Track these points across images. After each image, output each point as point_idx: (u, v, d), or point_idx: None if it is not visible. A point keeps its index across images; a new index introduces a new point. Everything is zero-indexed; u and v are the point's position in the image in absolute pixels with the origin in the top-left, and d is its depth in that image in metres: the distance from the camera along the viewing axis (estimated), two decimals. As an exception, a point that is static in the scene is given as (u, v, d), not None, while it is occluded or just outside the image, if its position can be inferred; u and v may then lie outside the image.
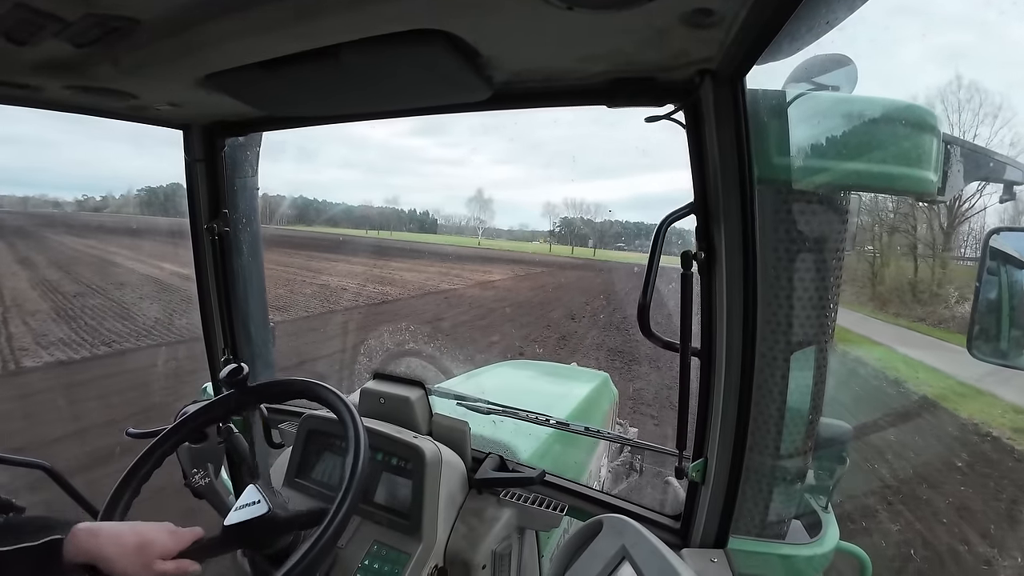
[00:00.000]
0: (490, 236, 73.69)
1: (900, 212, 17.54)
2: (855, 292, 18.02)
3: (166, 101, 1.29)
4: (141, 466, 1.12)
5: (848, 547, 1.29)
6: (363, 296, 15.64)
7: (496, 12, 0.78)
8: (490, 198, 76.24)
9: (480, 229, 71.69)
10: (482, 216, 73.43)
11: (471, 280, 22.02)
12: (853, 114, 0.98)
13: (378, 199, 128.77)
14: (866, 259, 18.54)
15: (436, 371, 2.53)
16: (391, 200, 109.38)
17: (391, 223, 70.70)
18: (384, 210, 74.31)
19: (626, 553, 0.93)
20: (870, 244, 18.69)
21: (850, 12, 0.78)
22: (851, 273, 18.59)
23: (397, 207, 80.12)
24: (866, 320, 14.66)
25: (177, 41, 0.89)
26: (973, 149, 1.17)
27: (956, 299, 14.38)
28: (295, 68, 0.95)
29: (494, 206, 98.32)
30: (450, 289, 18.65)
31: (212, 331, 1.74)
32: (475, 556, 1.21)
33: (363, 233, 59.75)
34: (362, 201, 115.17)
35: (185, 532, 0.96)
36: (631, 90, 1.01)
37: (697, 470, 1.12)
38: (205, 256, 1.68)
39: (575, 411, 2.35)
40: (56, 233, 27.54)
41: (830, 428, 1.19)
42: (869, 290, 18.10)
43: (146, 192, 54.01)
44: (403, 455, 1.27)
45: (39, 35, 0.84)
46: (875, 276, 18.15)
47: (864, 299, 17.69)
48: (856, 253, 18.86)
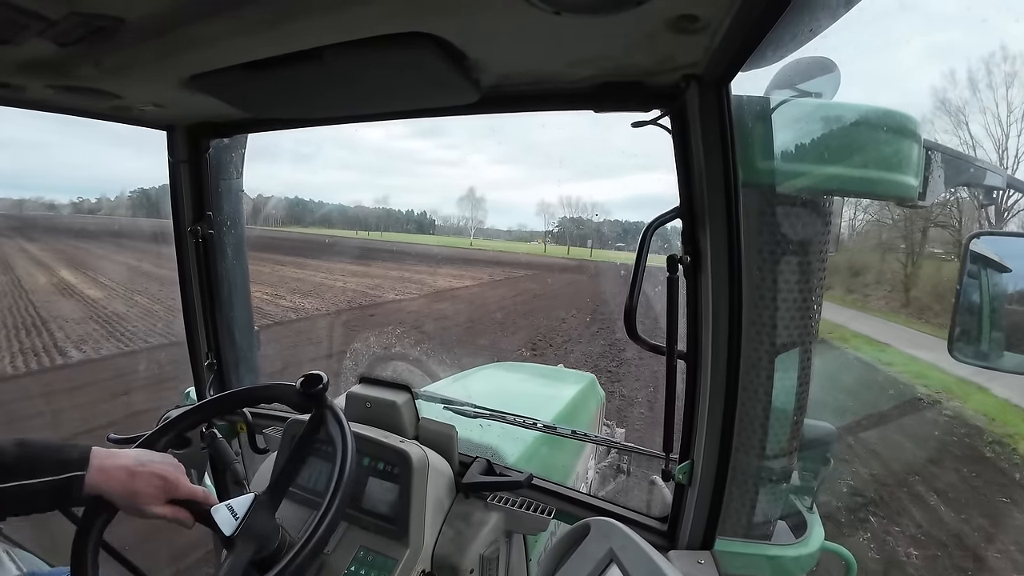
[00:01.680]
0: (488, 237, 72.58)
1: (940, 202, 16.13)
2: (884, 297, 17.30)
3: (150, 102, 1.28)
4: None
5: (833, 547, 1.30)
6: (262, 313, 11.89)
7: (483, 15, 0.78)
8: (482, 197, 74.49)
9: (472, 229, 70.23)
10: (474, 215, 72.12)
11: (429, 287, 19.02)
12: (835, 119, 1.00)
13: (368, 199, 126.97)
14: (897, 260, 17.75)
15: (423, 374, 2.52)
16: (381, 200, 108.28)
17: (383, 224, 69.14)
18: (372, 210, 72.55)
19: (614, 556, 0.93)
20: (902, 242, 17.95)
21: (833, 20, 0.80)
22: (879, 275, 18.10)
23: (387, 207, 78.41)
24: (914, 336, 12.57)
25: (161, 41, 0.89)
26: (954, 155, 1.19)
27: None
28: (280, 70, 0.95)
29: (488, 205, 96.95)
30: (390, 301, 15.35)
31: (195, 335, 1.72)
32: (463, 561, 1.21)
33: (353, 234, 58.37)
34: (353, 202, 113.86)
35: (184, 486, 0.97)
36: (618, 94, 1.02)
37: (684, 472, 1.12)
38: (189, 259, 1.66)
39: (562, 413, 2.35)
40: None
41: (814, 429, 1.20)
42: (901, 295, 17.06)
43: (138, 193, 53.40)
44: (390, 460, 1.26)
45: (23, 34, 0.83)
46: (908, 279, 17.15)
47: (896, 305, 16.77)
48: (881, 251, 18.48)
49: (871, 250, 19.44)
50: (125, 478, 0.92)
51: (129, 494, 0.92)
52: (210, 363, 1.73)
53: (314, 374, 1.10)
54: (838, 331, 12.70)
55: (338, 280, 19.01)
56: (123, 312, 11.56)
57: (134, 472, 0.93)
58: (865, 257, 19.31)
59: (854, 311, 15.84)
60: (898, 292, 17.43)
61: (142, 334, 9.79)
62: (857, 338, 12.48)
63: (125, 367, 7.81)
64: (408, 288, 18.43)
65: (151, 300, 12.67)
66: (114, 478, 0.91)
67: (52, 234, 28.51)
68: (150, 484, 0.94)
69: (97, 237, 27.47)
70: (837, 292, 17.76)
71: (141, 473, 0.94)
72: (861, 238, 20.31)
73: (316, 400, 1.10)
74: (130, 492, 0.92)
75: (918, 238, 17.77)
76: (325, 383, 1.09)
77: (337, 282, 18.59)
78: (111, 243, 25.83)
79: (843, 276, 17.98)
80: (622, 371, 8.65)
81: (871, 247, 19.56)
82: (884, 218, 18.64)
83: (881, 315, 15.94)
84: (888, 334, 12.78)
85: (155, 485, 0.94)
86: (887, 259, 18.47)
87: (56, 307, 11.73)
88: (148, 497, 0.93)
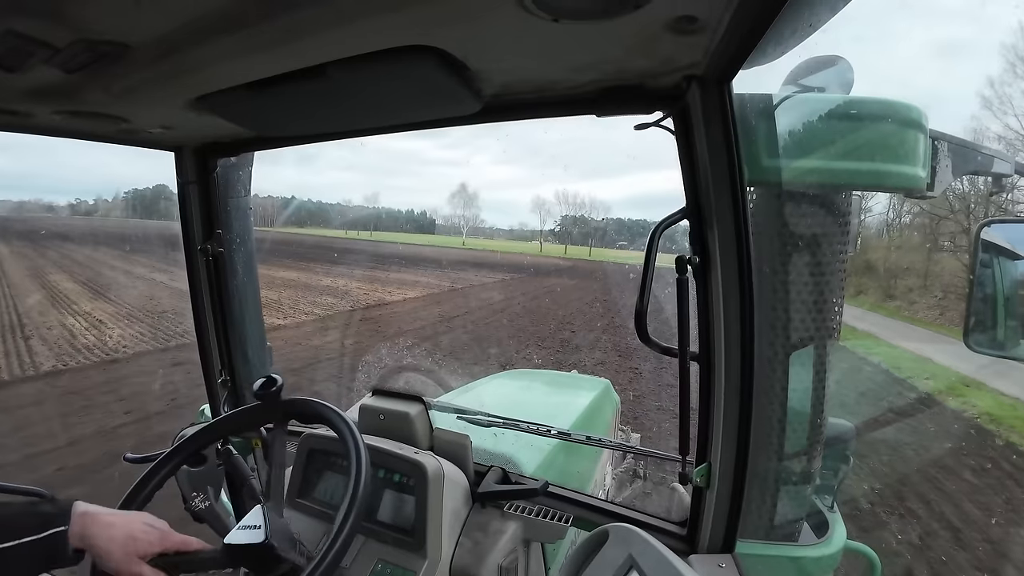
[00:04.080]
0: (489, 236, 71.06)
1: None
2: (936, 306, 14.81)
3: (157, 124, 1.29)
4: (139, 491, 1.11)
5: (857, 546, 1.28)
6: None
7: (483, 26, 0.78)
8: (475, 193, 70.40)
9: (465, 228, 67.53)
10: (466, 214, 68.63)
11: (347, 304, 14.92)
12: (840, 113, 1.00)
13: (358, 198, 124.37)
14: (957, 258, 15.58)
15: (435, 385, 2.52)
16: (370, 198, 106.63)
17: (372, 223, 66.90)
18: (360, 209, 69.63)
19: (633, 562, 0.92)
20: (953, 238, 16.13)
21: (832, 14, 0.79)
22: (924, 277, 15.74)
23: (377, 206, 75.35)
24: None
25: (167, 64, 0.90)
26: (961, 144, 1.18)
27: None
28: (284, 87, 0.96)
29: (490, 205, 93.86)
30: (277, 326, 11.51)
31: (208, 352, 1.73)
32: (481, 571, 1.20)
33: (342, 234, 56.71)
34: (342, 200, 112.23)
35: (174, 537, 0.95)
36: (620, 98, 1.02)
37: (701, 475, 1.11)
38: (200, 277, 1.67)
39: (578, 420, 2.34)
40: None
41: (833, 427, 1.19)
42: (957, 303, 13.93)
43: (132, 194, 53.96)
44: (405, 471, 1.26)
45: (29, 61, 0.84)
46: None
47: (955, 317, 13.64)
48: (926, 244, 16.68)
49: (915, 248, 17.69)
50: (119, 522, 0.90)
51: (125, 539, 0.88)
52: (224, 380, 1.74)
53: (267, 378, 1.19)
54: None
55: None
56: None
57: (128, 518, 0.92)
58: (910, 256, 17.37)
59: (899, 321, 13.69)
60: (954, 299, 14.66)
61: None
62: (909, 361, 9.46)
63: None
64: (320, 302, 14.60)
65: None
66: (106, 522, 0.88)
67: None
68: (144, 529, 0.92)
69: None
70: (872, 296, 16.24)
71: (134, 519, 0.92)
72: (898, 233, 18.54)
73: (272, 400, 1.18)
74: (126, 538, 0.89)
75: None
76: (279, 385, 1.18)
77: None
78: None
79: (881, 277, 16.51)
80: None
81: (916, 244, 17.72)
82: (938, 209, 16.32)
83: (936, 328, 13.58)
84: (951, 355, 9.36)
85: (149, 530, 0.93)
86: (934, 258, 16.63)
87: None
88: (144, 544, 0.91)
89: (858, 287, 16.58)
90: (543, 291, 19.35)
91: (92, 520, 0.88)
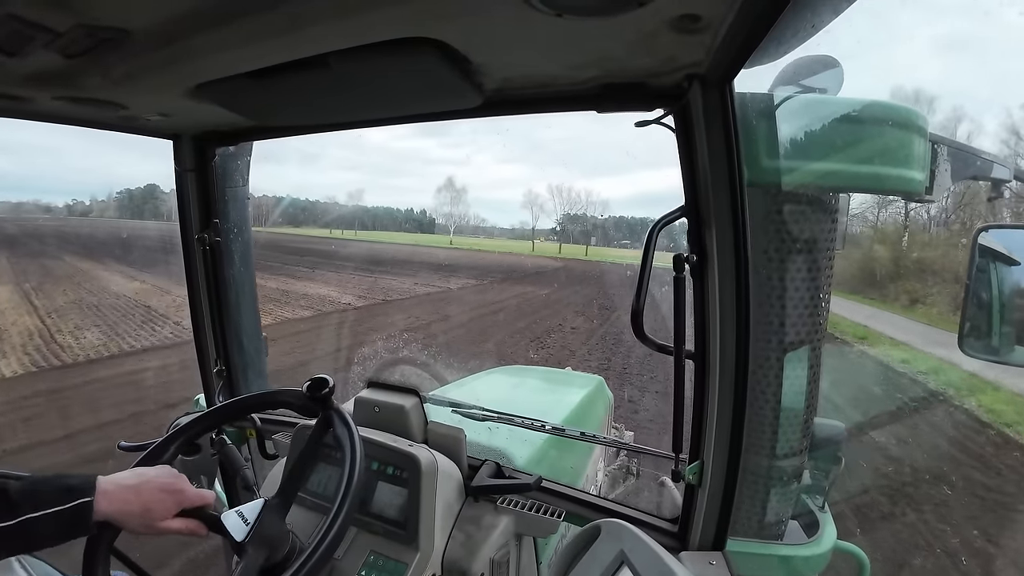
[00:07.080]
0: (489, 235, 68.27)
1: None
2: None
3: (156, 111, 1.29)
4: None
5: (846, 546, 1.29)
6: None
7: (485, 19, 0.78)
8: (463, 188, 65.04)
9: (452, 226, 62.46)
10: (453, 211, 63.10)
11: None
12: (840, 115, 1.00)
13: (342, 196, 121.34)
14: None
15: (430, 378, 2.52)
16: (354, 195, 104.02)
17: (358, 222, 63.48)
18: (343, 208, 64.04)
19: (624, 558, 0.92)
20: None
21: (835, 15, 0.79)
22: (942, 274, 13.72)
23: (361, 204, 70.27)
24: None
25: (167, 51, 0.89)
26: (960, 148, 1.18)
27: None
28: (285, 77, 0.95)
29: (483, 202, 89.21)
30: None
31: (204, 342, 1.73)
32: (473, 564, 1.21)
33: (327, 233, 53.26)
34: (326, 197, 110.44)
35: (190, 494, 0.97)
36: (621, 95, 1.02)
37: (693, 473, 1.12)
38: (196, 266, 1.67)
39: (571, 416, 2.34)
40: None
41: (824, 428, 1.19)
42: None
43: (124, 195, 53.66)
44: (399, 464, 1.26)
45: (29, 46, 0.84)
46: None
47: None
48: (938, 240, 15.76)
49: (943, 243, 16.17)
50: (133, 497, 0.92)
51: (141, 511, 0.92)
52: (219, 370, 1.74)
53: (320, 378, 1.10)
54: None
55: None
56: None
57: (140, 489, 0.93)
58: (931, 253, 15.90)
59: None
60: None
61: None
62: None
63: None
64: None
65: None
66: (121, 498, 0.91)
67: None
68: (159, 497, 0.94)
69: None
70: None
71: (147, 488, 0.94)
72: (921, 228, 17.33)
73: (322, 403, 1.10)
74: (142, 509, 0.92)
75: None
76: (331, 387, 1.09)
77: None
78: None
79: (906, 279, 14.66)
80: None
81: (944, 239, 16.34)
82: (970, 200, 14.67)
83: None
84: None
85: (164, 497, 0.94)
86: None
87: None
88: (160, 511, 0.93)
89: (912, 294, 14.12)
90: (494, 307, 14.33)
91: (111, 495, 0.90)
